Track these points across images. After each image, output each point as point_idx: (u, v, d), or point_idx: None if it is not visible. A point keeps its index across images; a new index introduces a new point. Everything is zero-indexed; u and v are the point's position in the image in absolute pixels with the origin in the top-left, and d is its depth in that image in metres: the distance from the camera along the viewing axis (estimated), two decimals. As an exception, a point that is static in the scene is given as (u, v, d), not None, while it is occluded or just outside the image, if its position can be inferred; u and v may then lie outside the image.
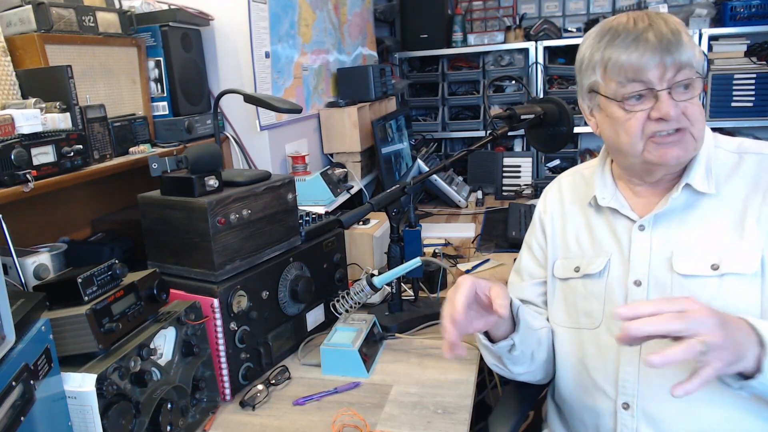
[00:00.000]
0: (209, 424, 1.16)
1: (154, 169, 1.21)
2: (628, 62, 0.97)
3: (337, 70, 2.60)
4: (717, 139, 1.08)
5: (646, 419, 1.02)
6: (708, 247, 0.99)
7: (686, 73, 0.96)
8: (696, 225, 1.02)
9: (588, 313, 1.11)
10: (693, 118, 0.97)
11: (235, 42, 1.86)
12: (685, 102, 0.97)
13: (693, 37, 3.04)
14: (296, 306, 1.41)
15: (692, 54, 0.96)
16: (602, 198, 1.12)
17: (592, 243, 1.14)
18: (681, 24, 0.98)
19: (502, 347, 1.10)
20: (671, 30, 0.96)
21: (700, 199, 1.02)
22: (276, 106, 1.51)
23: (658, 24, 0.97)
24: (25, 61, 1.28)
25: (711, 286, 0.97)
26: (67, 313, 0.92)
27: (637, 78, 0.97)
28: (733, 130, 3.11)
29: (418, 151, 3.08)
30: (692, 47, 0.97)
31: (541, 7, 3.74)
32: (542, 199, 1.27)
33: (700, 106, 0.99)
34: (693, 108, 0.97)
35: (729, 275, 0.96)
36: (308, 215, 1.59)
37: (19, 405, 0.74)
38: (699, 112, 0.98)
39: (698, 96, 0.98)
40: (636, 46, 0.96)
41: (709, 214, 1.01)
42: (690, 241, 1.01)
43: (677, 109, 0.96)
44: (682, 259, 1.01)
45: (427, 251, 1.96)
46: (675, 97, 0.97)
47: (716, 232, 1.00)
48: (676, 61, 0.95)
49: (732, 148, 1.06)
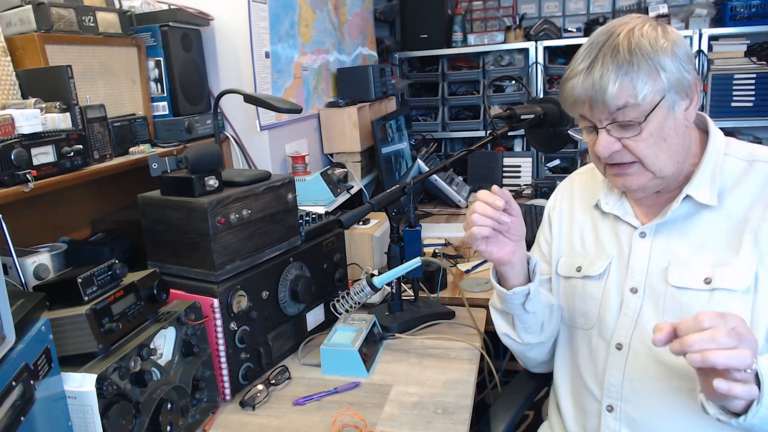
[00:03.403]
0: (209, 424, 1.16)
1: (154, 169, 1.21)
2: (570, 96, 0.98)
3: (337, 70, 2.60)
4: (729, 145, 1.04)
5: (628, 423, 1.03)
6: (703, 260, 0.98)
7: (624, 113, 0.93)
8: (695, 236, 1.01)
9: (584, 313, 1.12)
10: (639, 155, 0.96)
11: (235, 42, 1.86)
12: (627, 139, 0.96)
13: (693, 36, 3.07)
14: (296, 306, 1.41)
15: (628, 93, 0.92)
16: (606, 203, 1.12)
17: (596, 244, 1.14)
18: (637, 53, 0.91)
19: (518, 294, 1.07)
20: (603, 71, 0.92)
21: (702, 209, 1.00)
22: (276, 106, 1.51)
23: (600, 58, 0.93)
24: (25, 61, 1.28)
25: (701, 300, 0.97)
26: (67, 313, 0.92)
27: (577, 112, 1.00)
28: (733, 130, 3.10)
29: (418, 151, 3.08)
30: (629, 86, 0.91)
31: (541, 7, 3.74)
32: (554, 196, 1.28)
33: (655, 139, 0.95)
34: (637, 145, 0.95)
35: (720, 290, 0.95)
36: (308, 215, 1.59)
37: (19, 405, 0.74)
38: (647, 146, 0.95)
39: (649, 130, 0.94)
40: (576, 77, 0.96)
41: (710, 225, 1.00)
42: (687, 253, 1.01)
43: (615, 145, 0.96)
44: (677, 270, 1.00)
45: (427, 251, 1.96)
46: (614, 134, 0.96)
47: (714, 244, 0.99)
48: (607, 105, 0.93)
49: (743, 155, 1.02)
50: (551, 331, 1.17)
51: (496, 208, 0.99)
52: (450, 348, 1.40)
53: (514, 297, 1.08)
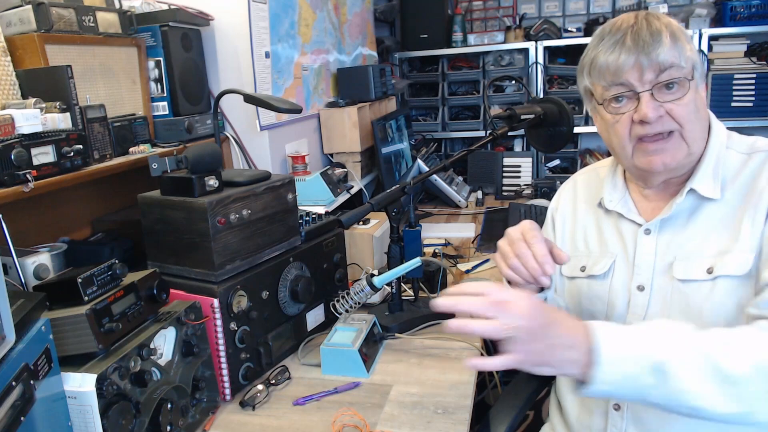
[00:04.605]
0: (209, 424, 1.16)
1: (154, 169, 1.21)
2: (605, 65, 0.98)
3: (337, 70, 2.60)
4: (731, 138, 1.05)
5: (635, 421, 1.03)
6: (706, 251, 0.99)
7: (670, 73, 0.95)
8: (698, 229, 1.01)
9: (592, 314, 1.11)
10: (681, 120, 0.96)
11: (235, 42, 1.86)
12: (670, 103, 0.96)
13: (693, 36, 3.08)
14: (296, 306, 1.41)
15: (676, 54, 0.95)
16: (609, 201, 1.12)
17: (599, 243, 1.14)
18: (671, 25, 0.97)
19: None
20: (652, 31, 0.95)
21: (705, 203, 1.01)
22: (276, 106, 1.51)
23: (641, 25, 0.96)
24: (25, 61, 1.28)
25: (704, 289, 0.97)
26: (67, 313, 0.92)
27: (617, 80, 0.98)
28: (733, 130, 3.09)
29: (418, 151, 3.08)
30: (675, 48, 0.95)
31: (541, 7, 3.74)
32: (556, 197, 1.27)
33: (693, 107, 0.97)
34: (680, 109, 0.96)
35: (722, 278, 0.95)
36: (308, 215, 1.59)
37: (19, 405, 0.74)
38: (688, 112, 0.96)
39: (689, 96, 0.96)
40: (613, 48, 0.97)
41: (712, 217, 1.00)
42: (691, 246, 1.01)
43: (659, 110, 0.96)
44: (682, 264, 1.00)
45: (427, 251, 1.96)
46: (658, 98, 0.96)
47: (716, 234, 0.99)
48: (654, 62, 0.94)
49: (743, 148, 1.03)
50: None
51: (540, 276, 0.95)
52: (450, 348, 1.40)
53: None
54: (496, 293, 0.80)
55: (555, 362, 0.81)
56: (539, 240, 0.96)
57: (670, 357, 0.78)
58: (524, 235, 0.97)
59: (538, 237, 0.96)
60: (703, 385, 0.77)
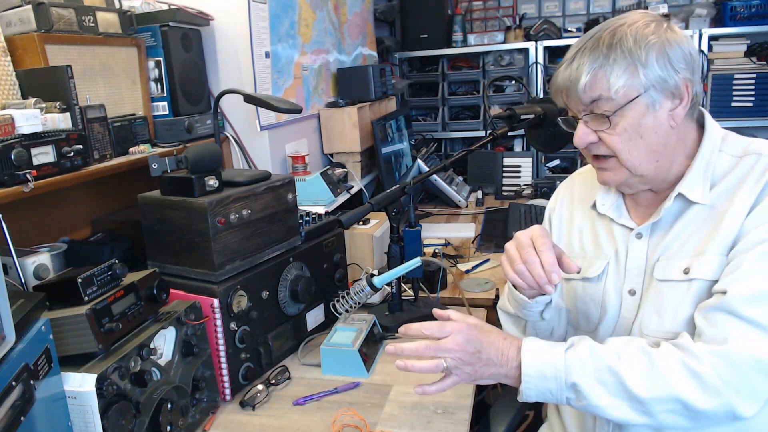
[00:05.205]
0: (209, 424, 1.16)
1: (154, 169, 1.21)
2: (553, 85, 1.02)
3: (337, 70, 2.60)
4: (726, 140, 1.03)
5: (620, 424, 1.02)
6: (686, 251, 0.98)
7: (598, 105, 0.95)
8: (682, 230, 1.01)
9: (586, 316, 1.11)
10: (613, 148, 0.97)
11: (235, 42, 1.86)
12: (602, 132, 0.97)
13: (693, 36, 3.07)
14: (296, 306, 1.41)
15: (603, 87, 0.93)
16: (602, 204, 1.12)
17: (593, 244, 1.14)
18: (620, 46, 0.92)
19: (540, 303, 1.04)
20: (581, 62, 0.94)
21: (694, 205, 1.00)
22: (276, 106, 1.51)
23: (582, 53, 0.96)
24: (25, 61, 1.28)
25: (680, 290, 0.97)
26: (67, 313, 0.92)
27: (563, 102, 1.02)
28: (733, 130, 3.08)
29: (418, 151, 3.08)
30: (604, 79, 0.93)
31: (541, 7, 3.74)
32: (554, 197, 1.27)
33: (630, 135, 0.95)
34: (611, 138, 0.97)
35: (696, 280, 0.95)
36: (308, 215, 1.59)
37: (19, 405, 0.74)
38: (621, 141, 0.96)
39: (624, 124, 0.95)
40: (558, 72, 1.00)
41: (696, 218, 0.99)
42: (675, 247, 1.00)
43: (591, 137, 0.99)
44: (663, 263, 1.00)
45: (427, 251, 1.96)
46: (591, 125, 0.98)
47: (697, 235, 0.98)
48: (580, 97, 0.96)
49: (736, 151, 1.01)
50: (559, 335, 1.16)
51: (545, 284, 0.96)
52: (450, 348, 1.40)
53: (535, 306, 1.05)
54: (433, 330, 0.96)
55: (488, 377, 0.96)
56: (549, 248, 0.96)
57: (581, 378, 0.90)
58: (534, 242, 0.97)
59: (548, 245, 0.96)
60: (613, 400, 0.88)
